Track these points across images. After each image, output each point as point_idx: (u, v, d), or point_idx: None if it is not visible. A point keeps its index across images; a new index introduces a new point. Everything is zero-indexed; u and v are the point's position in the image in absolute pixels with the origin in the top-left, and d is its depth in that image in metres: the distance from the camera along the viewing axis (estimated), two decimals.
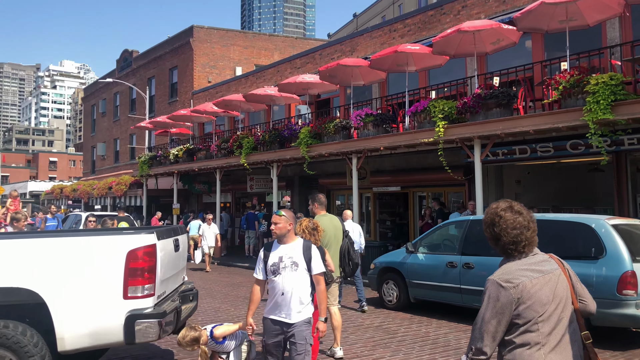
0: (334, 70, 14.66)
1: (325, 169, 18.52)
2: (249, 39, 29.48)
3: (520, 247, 2.54)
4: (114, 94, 36.55)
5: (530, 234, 2.56)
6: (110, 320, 4.23)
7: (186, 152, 21.37)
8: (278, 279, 4.21)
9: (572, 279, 2.63)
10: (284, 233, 4.26)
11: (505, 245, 2.55)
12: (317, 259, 4.29)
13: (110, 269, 4.29)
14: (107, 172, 35.87)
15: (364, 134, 13.79)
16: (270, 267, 4.26)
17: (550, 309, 2.47)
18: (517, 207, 2.61)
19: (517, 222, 2.54)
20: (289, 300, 4.18)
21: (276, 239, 4.36)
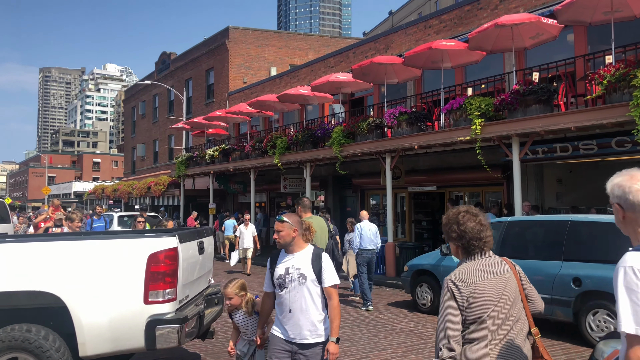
0: (367, 68, 14.44)
1: (359, 169, 18.31)
2: (284, 39, 29.52)
3: (481, 243, 2.74)
4: (152, 96, 37.29)
5: (489, 233, 2.78)
6: (131, 325, 4.17)
7: (221, 153, 21.54)
8: (285, 294, 3.72)
9: (522, 280, 2.82)
10: (288, 241, 3.74)
11: (470, 240, 2.74)
12: (329, 269, 3.75)
13: (131, 273, 4.23)
14: (146, 173, 36.63)
15: (398, 132, 13.53)
16: (276, 280, 3.76)
17: (498, 307, 2.64)
18: (474, 210, 2.85)
19: (478, 221, 2.77)
20: (298, 319, 3.68)
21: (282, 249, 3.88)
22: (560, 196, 13.97)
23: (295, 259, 3.76)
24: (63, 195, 62.73)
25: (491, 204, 14.58)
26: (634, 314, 1.91)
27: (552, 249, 7.94)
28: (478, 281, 2.64)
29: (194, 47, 32.15)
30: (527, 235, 8.78)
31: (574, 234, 7.73)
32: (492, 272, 2.70)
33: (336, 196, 20.86)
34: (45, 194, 56.09)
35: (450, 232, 2.82)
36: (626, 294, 1.94)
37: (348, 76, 15.42)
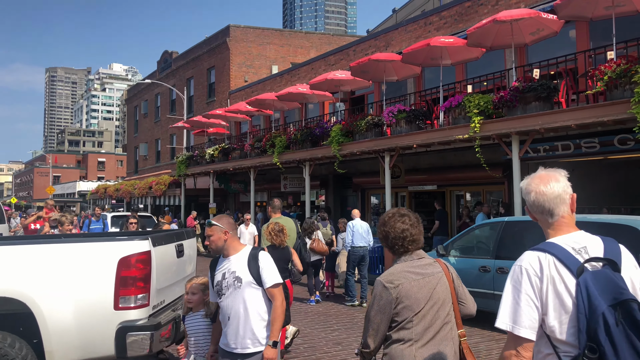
0: (366, 65, 14.22)
1: (360, 168, 18.10)
2: (285, 37, 29.34)
3: (405, 243, 2.79)
4: (155, 95, 37.21)
5: (415, 232, 2.81)
6: (101, 332, 4.01)
7: (221, 152, 21.39)
8: (223, 301, 3.46)
9: (454, 282, 2.84)
10: (220, 246, 3.47)
11: (393, 240, 2.81)
12: (269, 268, 3.47)
13: (101, 277, 4.07)
14: (149, 172, 36.57)
15: (397, 131, 13.31)
16: (215, 287, 3.51)
17: (426, 309, 2.68)
18: (404, 211, 2.92)
19: (403, 221, 2.82)
20: (237, 327, 3.39)
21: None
22: None
23: (231, 262, 3.50)
24: (67, 194, 62.90)
25: (479, 204, 14.33)
26: (512, 312, 1.92)
27: None
28: (404, 283, 2.68)
29: (196, 45, 32.03)
30: (526, 236, 8.55)
31: None
32: (420, 274, 2.73)
33: (337, 195, 20.67)
34: (49, 193, 56.25)
35: (379, 234, 2.90)
36: (511, 291, 1.95)
37: (347, 74, 15.22)
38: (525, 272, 1.93)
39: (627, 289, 1.83)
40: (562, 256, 1.92)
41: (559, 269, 1.90)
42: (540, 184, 2.07)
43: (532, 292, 1.90)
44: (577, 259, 1.91)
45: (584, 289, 1.82)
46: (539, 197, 2.05)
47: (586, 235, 2.04)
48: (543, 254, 1.94)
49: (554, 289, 1.89)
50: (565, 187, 2.07)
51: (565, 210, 2.04)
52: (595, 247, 1.97)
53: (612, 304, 1.79)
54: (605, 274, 1.86)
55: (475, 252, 9.04)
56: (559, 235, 2.03)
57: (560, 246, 1.96)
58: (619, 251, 1.99)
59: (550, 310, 1.88)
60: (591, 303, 1.79)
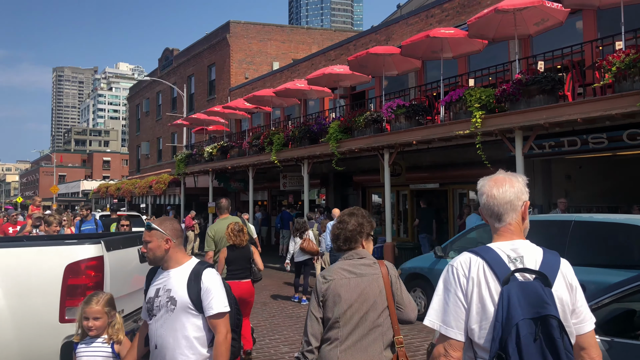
0: (364, 59, 13.76)
1: (360, 166, 17.64)
2: (286, 33, 28.89)
3: (339, 242, 2.79)
4: (156, 93, 36.89)
5: (351, 230, 2.77)
6: (44, 347, 3.59)
7: (220, 150, 20.99)
8: (152, 324, 2.82)
9: (392, 286, 2.73)
10: (159, 255, 2.81)
11: (337, 237, 2.81)
12: (214, 291, 2.74)
13: (46, 286, 3.65)
14: (151, 171, 36.27)
15: (396, 127, 12.84)
16: (146, 304, 2.87)
17: (353, 309, 2.59)
18: (355, 210, 2.90)
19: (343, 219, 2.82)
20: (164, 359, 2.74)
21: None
22: (569, 193, 13.19)
23: (169, 278, 2.82)
24: (72, 194, 62.83)
25: (466, 206, 13.85)
26: (441, 311, 1.91)
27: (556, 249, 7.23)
28: (335, 279, 2.63)
29: (196, 42, 31.66)
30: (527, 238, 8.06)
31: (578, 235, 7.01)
32: (354, 273, 2.67)
33: (337, 194, 20.22)
34: (53, 192, 56.14)
35: (332, 232, 2.88)
36: (442, 290, 1.95)
37: (345, 68, 14.75)
38: (455, 272, 1.93)
39: (551, 305, 1.80)
40: (492, 262, 1.90)
41: (487, 274, 1.88)
42: (494, 187, 2.02)
43: (460, 293, 1.89)
44: (508, 268, 1.89)
45: (505, 297, 1.80)
46: (490, 201, 2.01)
47: (528, 245, 1.99)
48: (475, 257, 1.93)
49: (478, 293, 1.87)
50: (519, 193, 2.02)
51: (514, 217, 2.00)
52: (533, 259, 1.94)
53: (533, 317, 1.77)
54: (533, 287, 1.83)
55: None
56: (500, 240, 1.99)
57: (494, 252, 1.94)
58: (557, 266, 1.95)
59: (472, 313, 1.87)
60: (509, 313, 1.78)
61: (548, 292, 1.82)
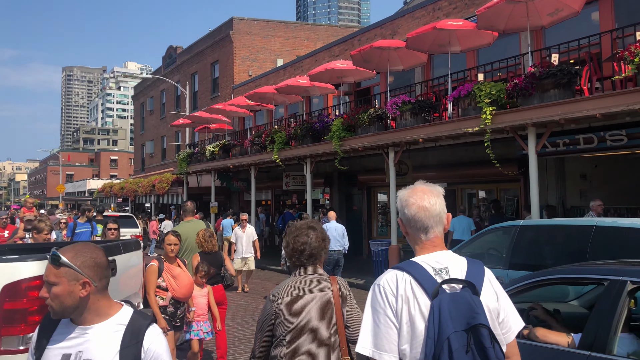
0: (368, 54, 13.17)
1: (365, 165, 17.06)
2: (291, 30, 28.32)
3: (302, 257, 2.69)
4: (160, 92, 36.48)
5: (316, 246, 2.69)
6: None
7: (222, 149, 20.46)
8: None
9: (343, 304, 2.67)
10: (68, 306, 1.84)
11: (291, 252, 2.72)
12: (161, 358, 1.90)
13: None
14: (155, 170, 35.87)
15: (401, 124, 12.24)
16: None
17: (299, 327, 2.55)
18: (312, 224, 2.80)
19: (307, 233, 2.71)
20: None
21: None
22: (584, 194, 12.53)
23: (86, 338, 1.86)
24: (78, 193, 62.70)
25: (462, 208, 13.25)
26: (373, 335, 1.84)
27: (576, 258, 6.61)
28: (284, 297, 2.58)
29: (200, 39, 31.17)
30: (544, 242, 7.44)
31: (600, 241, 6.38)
32: (302, 290, 2.61)
33: (342, 194, 19.64)
34: (59, 192, 55.99)
35: (284, 242, 2.82)
36: (370, 312, 1.87)
37: (348, 63, 14.15)
38: (383, 291, 1.86)
39: (480, 314, 1.77)
40: (419, 276, 1.85)
41: (415, 289, 1.83)
42: (424, 199, 1.99)
43: (391, 313, 1.83)
44: (435, 280, 1.84)
45: (436, 311, 1.76)
46: (421, 213, 1.96)
47: (451, 255, 1.97)
48: (401, 273, 1.88)
49: (408, 311, 1.82)
50: (444, 206, 2.03)
51: (440, 230, 1.99)
52: (458, 269, 1.91)
53: (465, 328, 1.75)
54: (463, 297, 1.80)
55: (486, 261, 7.94)
56: (424, 254, 1.95)
57: (420, 265, 1.90)
58: (482, 274, 1.93)
59: (403, 333, 1.82)
60: (440, 327, 1.74)
61: (477, 301, 1.79)
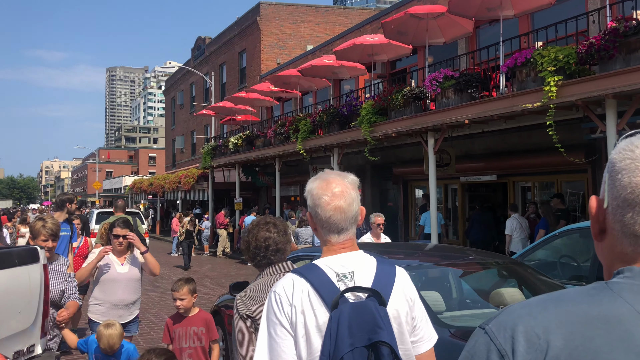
0: (403, 24, 11.27)
1: (401, 155, 15.13)
2: (322, 14, 26.50)
3: (268, 253, 2.53)
4: (189, 85, 35.38)
5: (280, 240, 2.55)
6: None
7: (245, 140, 18.91)
8: None
9: None
10: None
11: (255, 250, 2.55)
12: None
13: None
14: (185, 165, 34.83)
15: (443, 103, 10.29)
16: None
17: None
18: (270, 219, 2.66)
19: (267, 228, 2.57)
20: None
21: None
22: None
23: None
24: (115, 189, 62.87)
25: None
26: (269, 350, 1.62)
27: None
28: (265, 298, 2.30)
29: (227, 28, 29.77)
30: None
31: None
32: None
33: (375, 189, 17.73)
34: (96, 188, 56.09)
35: (242, 244, 2.69)
36: (266, 324, 1.67)
37: (380, 37, 12.27)
38: (279, 299, 1.66)
39: (384, 329, 1.58)
40: (317, 283, 1.64)
41: (312, 299, 1.63)
42: (340, 197, 1.71)
43: (287, 323, 1.62)
44: (337, 288, 1.64)
45: (334, 325, 1.57)
46: (336, 216, 1.70)
47: (359, 256, 1.74)
48: (299, 278, 1.67)
49: (304, 323, 1.61)
50: (359, 201, 1.78)
51: (353, 231, 1.76)
52: (365, 273, 1.70)
53: (366, 344, 1.56)
54: (367, 308, 1.60)
55: (559, 273, 5.94)
56: (330, 255, 1.73)
57: (321, 270, 1.69)
58: (393, 278, 1.73)
59: (300, 348, 1.60)
60: (336, 345, 1.55)
61: (382, 313, 1.62)
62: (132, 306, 4.71)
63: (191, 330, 3.94)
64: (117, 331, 3.52)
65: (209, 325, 4.05)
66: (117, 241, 4.58)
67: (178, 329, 3.94)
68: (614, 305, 0.82)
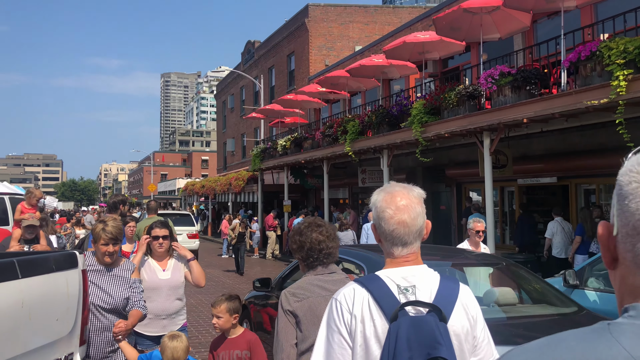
0: (456, 19, 10.83)
1: (454, 157, 14.60)
2: (370, 14, 26.16)
3: (321, 255, 2.61)
4: (240, 88, 35.81)
5: (333, 245, 2.64)
6: None
7: (293, 142, 18.84)
8: None
9: None
10: None
11: (308, 251, 2.61)
12: None
13: None
14: (236, 168, 35.27)
15: (499, 102, 9.78)
16: None
17: None
18: (320, 221, 2.73)
19: (320, 231, 2.63)
20: None
21: None
22: None
23: None
24: (169, 192, 64.59)
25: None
26: (325, 355, 1.69)
27: None
28: (310, 297, 2.52)
29: (276, 31, 29.92)
30: None
31: None
32: (327, 290, 2.55)
33: (427, 192, 17.08)
34: (151, 191, 57.74)
35: (292, 244, 2.76)
36: (325, 330, 1.73)
37: (431, 34, 11.85)
38: (339, 307, 1.71)
39: (443, 345, 1.57)
40: (378, 294, 1.67)
41: (372, 309, 1.66)
42: (405, 211, 1.73)
43: (345, 332, 1.68)
44: (397, 300, 1.65)
45: (392, 337, 1.59)
46: (400, 230, 1.72)
47: (423, 271, 1.75)
48: (360, 288, 1.71)
49: (363, 332, 1.65)
50: (424, 215, 1.79)
51: (418, 245, 1.77)
52: (427, 288, 1.70)
53: (426, 358, 1.56)
54: (427, 323, 1.60)
55: None
56: (392, 267, 1.75)
57: (382, 281, 1.71)
58: (455, 295, 1.71)
59: (357, 357, 1.65)
60: (395, 357, 1.56)
61: (442, 329, 1.61)
62: (176, 316, 4.34)
63: (234, 354, 3.58)
64: (182, 344, 3.25)
65: (254, 347, 3.62)
66: (157, 242, 4.23)
67: (221, 353, 3.60)
68: (609, 352, 0.77)
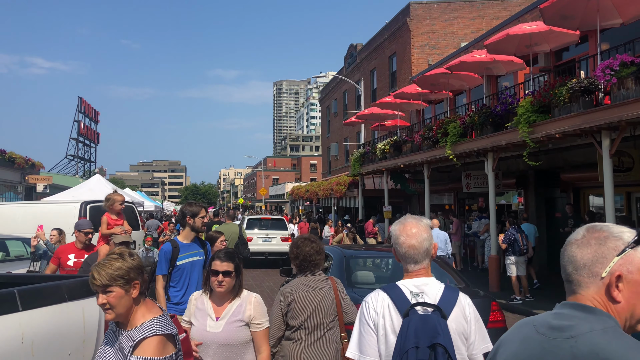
0: (568, 6, 9.63)
1: (570, 159, 13.10)
2: (477, 9, 24.64)
3: (311, 265, 3.67)
4: (342, 93, 35.71)
5: (320, 257, 3.73)
6: None
7: (392, 146, 18.15)
8: None
9: (340, 295, 3.65)
10: None
11: (302, 261, 3.67)
12: None
13: None
14: (339, 172, 35.22)
15: (620, 96, 8.45)
16: None
17: (313, 315, 3.50)
18: (313, 238, 3.79)
19: (312, 247, 3.71)
20: None
21: None
22: None
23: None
24: (279, 195, 66.39)
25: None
26: (358, 342, 2.26)
27: None
28: (299, 293, 3.52)
29: (377, 33, 29.34)
30: None
31: None
32: (312, 287, 3.56)
33: (539, 197, 15.70)
34: (262, 194, 59.66)
35: (291, 253, 3.73)
36: (358, 324, 2.31)
37: (539, 25, 10.66)
38: (367, 307, 2.27)
39: (441, 334, 2.08)
40: (395, 297, 2.23)
41: (390, 308, 2.21)
42: (414, 237, 2.29)
43: (372, 324, 2.23)
44: (409, 302, 2.19)
45: (404, 328, 2.11)
46: (410, 252, 2.29)
47: (431, 281, 2.28)
48: (382, 293, 2.28)
49: (384, 325, 2.20)
50: (431, 239, 2.33)
51: (427, 262, 2.32)
52: (434, 294, 2.24)
53: (429, 345, 2.05)
54: (431, 319, 2.12)
55: None
56: (408, 279, 2.30)
57: (399, 288, 2.26)
58: (455, 300, 2.24)
59: (380, 343, 2.20)
60: (405, 342, 2.08)
61: (443, 324, 2.12)
62: None
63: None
64: None
65: None
66: (216, 280, 3.22)
67: None
68: None
